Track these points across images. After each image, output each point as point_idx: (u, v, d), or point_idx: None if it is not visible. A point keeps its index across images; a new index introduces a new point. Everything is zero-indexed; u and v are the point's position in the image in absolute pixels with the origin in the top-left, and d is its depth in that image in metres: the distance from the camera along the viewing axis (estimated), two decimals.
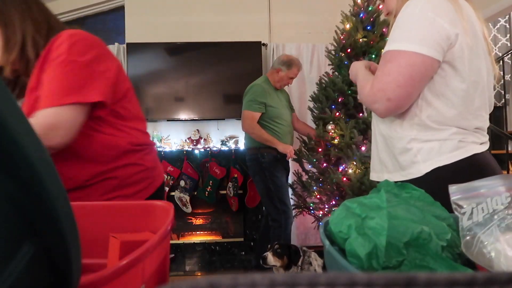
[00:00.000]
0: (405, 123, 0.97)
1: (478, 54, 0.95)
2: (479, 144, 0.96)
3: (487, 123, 1.00)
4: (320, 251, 2.20)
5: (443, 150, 0.92)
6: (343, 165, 2.64)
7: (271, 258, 2.16)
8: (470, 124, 0.95)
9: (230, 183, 3.39)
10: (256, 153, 2.69)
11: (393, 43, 0.92)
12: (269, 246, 2.26)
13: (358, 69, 1.10)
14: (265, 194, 2.69)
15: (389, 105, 0.92)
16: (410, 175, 0.96)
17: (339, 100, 2.78)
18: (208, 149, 3.47)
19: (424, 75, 0.90)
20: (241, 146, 3.50)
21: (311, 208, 2.96)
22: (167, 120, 3.65)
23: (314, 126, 2.97)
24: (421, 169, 0.94)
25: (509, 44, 4.79)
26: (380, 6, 1.16)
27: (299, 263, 2.16)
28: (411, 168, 0.96)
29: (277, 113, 2.70)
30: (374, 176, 1.12)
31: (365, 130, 2.66)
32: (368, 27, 2.80)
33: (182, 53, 3.63)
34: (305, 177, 2.98)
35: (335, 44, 2.97)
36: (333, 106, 2.80)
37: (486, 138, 0.99)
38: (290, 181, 3.23)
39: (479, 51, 0.95)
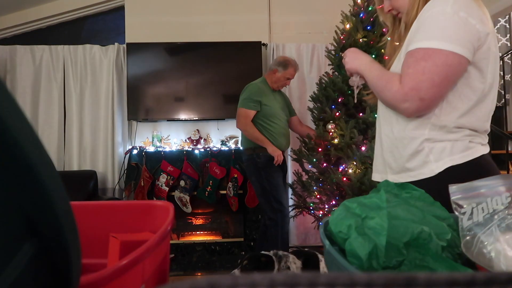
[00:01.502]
0: (421, 123, 0.94)
1: (496, 55, 0.94)
2: (484, 145, 0.96)
3: None
4: (299, 251, 2.14)
5: (455, 150, 0.92)
6: (343, 165, 2.64)
7: None
8: (483, 126, 0.95)
9: (230, 183, 3.39)
10: (251, 153, 2.69)
11: (425, 41, 0.88)
12: (238, 261, 2.04)
13: (370, 61, 1.03)
14: (261, 194, 2.70)
15: (420, 105, 0.89)
16: (421, 175, 0.95)
17: (339, 100, 2.77)
18: (208, 149, 3.47)
19: (457, 76, 0.89)
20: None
21: (311, 208, 2.96)
22: (167, 120, 3.65)
23: (314, 126, 2.97)
24: (433, 169, 0.93)
25: (509, 44, 4.79)
26: (379, 7, 1.13)
27: (274, 272, 1.98)
28: (423, 168, 0.95)
29: (272, 112, 2.70)
30: (377, 176, 1.11)
31: (365, 130, 2.66)
32: (368, 27, 2.80)
33: (182, 53, 3.63)
34: (305, 177, 2.97)
35: (335, 44, 2.97)
36: (333, 106, 2.80)
37: (487, 139, 1.00)
38: (290, 181, 3.22)
39: (496, 51, 0.95)
